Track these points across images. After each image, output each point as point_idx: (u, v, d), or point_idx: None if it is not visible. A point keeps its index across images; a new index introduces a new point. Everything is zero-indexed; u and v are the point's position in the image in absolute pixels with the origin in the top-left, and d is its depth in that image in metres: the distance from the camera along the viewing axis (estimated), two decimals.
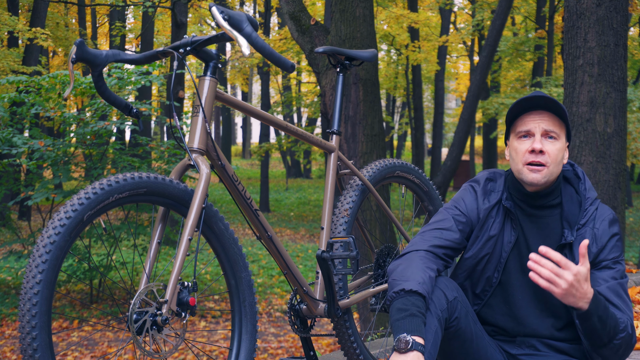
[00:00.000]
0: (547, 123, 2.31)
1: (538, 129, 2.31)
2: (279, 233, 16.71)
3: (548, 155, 2.30)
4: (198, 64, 27.13)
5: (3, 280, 10.54)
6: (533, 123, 2.31)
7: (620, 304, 2.27)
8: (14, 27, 13.87)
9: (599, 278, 2.30)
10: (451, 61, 29.85)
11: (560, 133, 2.33)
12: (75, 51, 2.19)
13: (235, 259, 2.36)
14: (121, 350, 2.65)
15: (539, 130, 2.30)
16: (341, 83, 2.92)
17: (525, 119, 2.33)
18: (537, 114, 2.32)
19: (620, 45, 5.02)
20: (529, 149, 2.30)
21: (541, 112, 2.32)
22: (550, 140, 2.31)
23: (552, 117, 2.32)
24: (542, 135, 2.31)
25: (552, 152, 2.30)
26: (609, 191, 5.05)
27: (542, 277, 2.12)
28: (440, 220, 2.43)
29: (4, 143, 7.43)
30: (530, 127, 2.31)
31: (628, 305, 2.29)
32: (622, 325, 2.21)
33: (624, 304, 2.28)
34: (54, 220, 1.94)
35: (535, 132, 2.31)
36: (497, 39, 13.81)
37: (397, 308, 2.14)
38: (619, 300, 2.27)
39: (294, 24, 6.79)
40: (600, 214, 2.37)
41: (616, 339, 2.21)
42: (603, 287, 2.28)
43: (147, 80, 7.80)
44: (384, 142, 6.60)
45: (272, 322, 9.50)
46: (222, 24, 2.15)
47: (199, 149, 2.25)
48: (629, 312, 2.28)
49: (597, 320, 2.17)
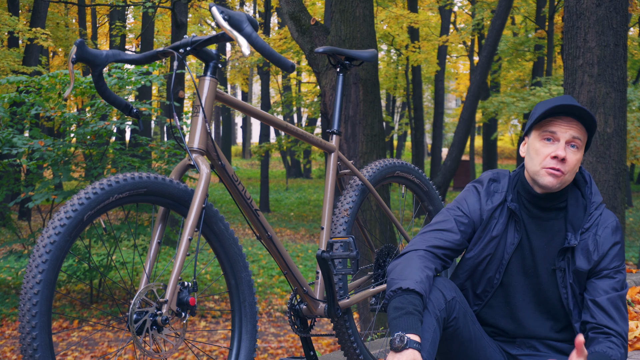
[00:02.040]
0: (575, 131, 2.28)
1: (565, 136, 2.27)
2: (279, 233, 16.71)
3: (568, 164, 2.28)
4: (198, 64, 27.14)
5: (3, 280, 10.54)
6: (561, 128, 2.28)
7: (617, 317, 2.28)
8: (14, 27, 13.87)
9: (599, 288, 2.30)
10: (451, 61, 29.84)
11: (583, 143, 2.32)
12: (76, 51, 2.19)
13: (235, 259, 2.36)
14: (121, 350, 2.65)
15: (565, 137, 2.27)
16: (341, 83, 2.92)
17: (554, 121, 2.29)
18: (567, 120, 2.28)
19: (620, 45, 5.02)
20: (552, 154, 2.27)
21: (570, 119, 2.28)
22: (573, 149, 2.29)
23: (581, 126, 2.29)
24: (566, 142, 2.28)
25: (572, 161, 2.28)
26: (609, 191, 5.05)
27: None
28: (442, 221, 2.42)
29: (4, 143, 7.43)
30: (557, 130, 2.28)
31: (624, 318, 2.30)
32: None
33: (621, 317, 2.29)
34: (54, 220, 1.94)
35: (561, 137, 2.28)
36: (497, 39, 13.81)
37: (394, 307, 2.14)
38: (616, 313, 2.28)
39: (294, 24, 6.79)
40: (604, 220, 2.36)
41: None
42: (603, 299, 2.29)
43: (147, 80, 7.80)
44: (384, 142, 6.60)
45: (272, 322, 9.50)
46: (222, 24, 2.15)
47: (199, 149, 2.25)
48: (624, 325, 2.29)
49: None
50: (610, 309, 2.27)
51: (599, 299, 2.28)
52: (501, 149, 35.26)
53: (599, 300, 2.28)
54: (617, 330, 2.26)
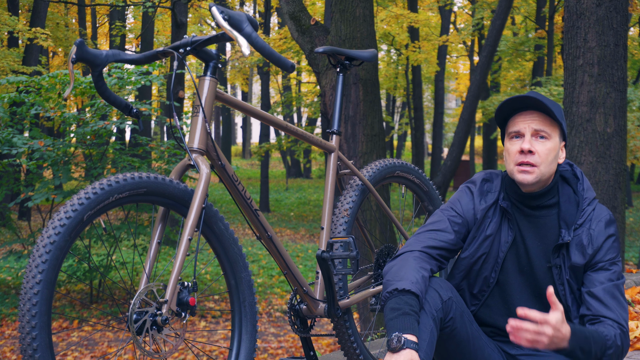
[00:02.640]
0: (537, 123, 2.30)
1: (528, 129, 2.31)
2: (279, 233, 16.71)
3: (538, 155, 2.29)
4: (198, 64, 27.13)
5: (3, 280, 10.54)
6: (523, 123, 2.32)
7: (613, 306, 2.27)
8: (14, 27, 13.87)
9: (595, 280, 2.31)
10: (451, 61, 29.84)
11: (552, 132, 2.32)
12: (75, 51, 2.19)
13: (235, 259, 2.36)
14: (121, 350, 2.65)
15: (528, 131, 2.30)
16: (341, 83, 2.92)
17: (515, 119, 2.34)
18: (527, 114, 2.32)
19: (620, 45, 5.02)
20: (519, 149, 2.31)
21: (531, 112, 2.32)
22: (541, 140, 2.31)
23: (543, 116, 2.32)
24: (532, 135, 2.31)
25: (542, 152, 2.30)
26: (609, 191, 5.05)
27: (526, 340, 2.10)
28: (436, 221, 2.43)
29: (4, 143, 7.43)
30: (520, 127, 2.32)
31: (622, 306, 2.29)
32: (609, 342, 2.21)
33: (618, 305, 2.28)
34: (54, 220, 1.94)
35: (525, 132, 2.31)
36: (497, 39, 13.80)
37: (391, 308, 2.15)
38: (612, 302, 2.28)
39: (294, 24, 6.79)
40: (597, 215, 2.37)
41: (605, 356, 2.21)
42: (598, 289, 2.29)
43: (147, 80, 7.80)
44: (384, 142, 6.60)
45: (272, 322, 9.50)
46: (222, 24, 2.15)
47: (199, 149, 2.25)
48: (622, 313, 2.28)
49: (581, 352, 2.17)
50: (607, 298, 2.28)
51: (594, 289, 2.29)
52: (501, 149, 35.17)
53: (594, 291, 2.29)
54: (612, 317, 2.25)
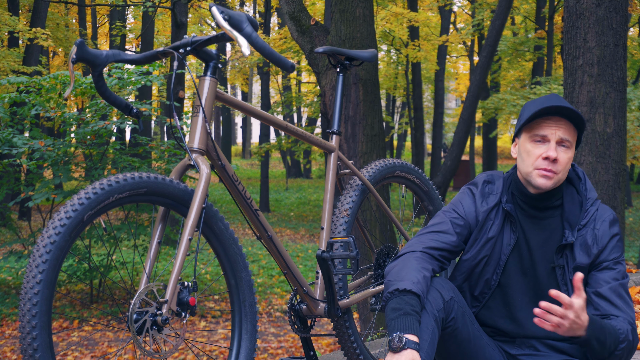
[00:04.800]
0: (563, 131, 2.29)
1: (554, 136, 2.28)
2: (279, 233, 16.70)
3: (559, 163, 2.28)
4: (198, 64, 27.14)
5: (3, 280, 10.54)
6: (550, 129, 2.28)
7: (621, 305, 2.27)
8: (15, 27, 13.87)
9: (600, 279, 2.31)
10: (451, 61, 29.84)
11: (573, 142, 2.32)
12: (76, 51, 2.19)
13: (235, 259, 2.36)
14: (121, 350, 2.65)
15: (554, 138, 2.28)
16: (341, 83, 2.92)
17: (542, 123, 2.30)
18: (555, 121, 2.29)
19: (619, 46, 5.02)
20: (544, 155, 2.28)
21: (559, 119, 2.29)
22: (564, 148, 2.30)
23: (569, 125, 2.30)
24: (556, 142, 2.29)
25: (563, 160, 2.29)
26: (609, 191, 5.05)
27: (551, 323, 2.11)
28: (438, 223, 2.43)
29: (4, 143, 7.43)
30: (547, 132, 2.29)
31: (629, 305, 2.30)
32: (622, 336, 2.21)
33: (625, 304, 2.29)
34: (54, 220, 1.94)
35: (551, 138, 2.28)
36: (497, 39, 13.81)
37: (392, 308, 2.15)
38: (620, 301, 2.28)
39: (294, 24, 6.79)
40: (601, 215, 2.37)
41: (617, 350, 2.22)
42: (605, 288, 2.29)
43: (147, 80, 7.80)
44: (384, 142, 6.60)
45: (272, 322, 9.50)
46: (222, 24, 2.15)
47: (199, 149, 2.25)
48: (630, 312, 2.28)
49: (596, 343, 2.18)
50: (614, 297, 2.28)
51: (600, 289, 2.29)
52: (501, 148, 35.23)
53: (601, 291, 2.29)
54: (622, 316, 2.25)
